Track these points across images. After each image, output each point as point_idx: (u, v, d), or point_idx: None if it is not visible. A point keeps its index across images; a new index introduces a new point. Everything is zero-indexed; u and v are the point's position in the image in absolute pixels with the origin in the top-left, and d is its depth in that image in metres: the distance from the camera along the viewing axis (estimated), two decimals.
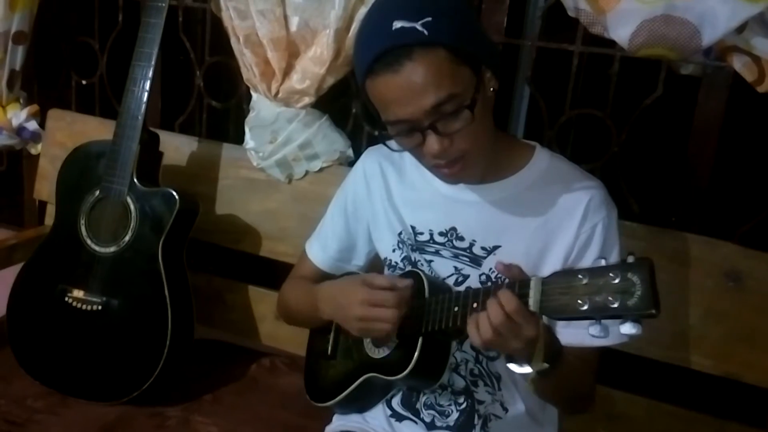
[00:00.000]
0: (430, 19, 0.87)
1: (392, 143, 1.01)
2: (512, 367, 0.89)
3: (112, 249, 1.38)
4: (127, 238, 1.37)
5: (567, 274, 0.79)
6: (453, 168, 0.95)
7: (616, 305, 0.74)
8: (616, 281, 0.74)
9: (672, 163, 1.41)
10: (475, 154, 0.94)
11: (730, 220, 1.26)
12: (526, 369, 0.88)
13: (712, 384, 1.27)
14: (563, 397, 1.02)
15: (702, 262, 1.22)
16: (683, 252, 1.22)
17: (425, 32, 0.86)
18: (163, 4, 1.39)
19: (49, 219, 1.75)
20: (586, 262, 1.00)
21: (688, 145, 1.32)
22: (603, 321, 0.76)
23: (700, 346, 1.23)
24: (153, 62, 1.39)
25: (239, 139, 1.57)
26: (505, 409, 1.07)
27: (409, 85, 0.87)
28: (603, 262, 0.78)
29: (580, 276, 0.77)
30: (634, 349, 1.23)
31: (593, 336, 0.76)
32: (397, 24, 0.87)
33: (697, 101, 1.29)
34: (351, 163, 1.48)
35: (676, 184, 1.36)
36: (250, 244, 1.56)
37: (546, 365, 0.86)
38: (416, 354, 0.97)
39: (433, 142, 0.90)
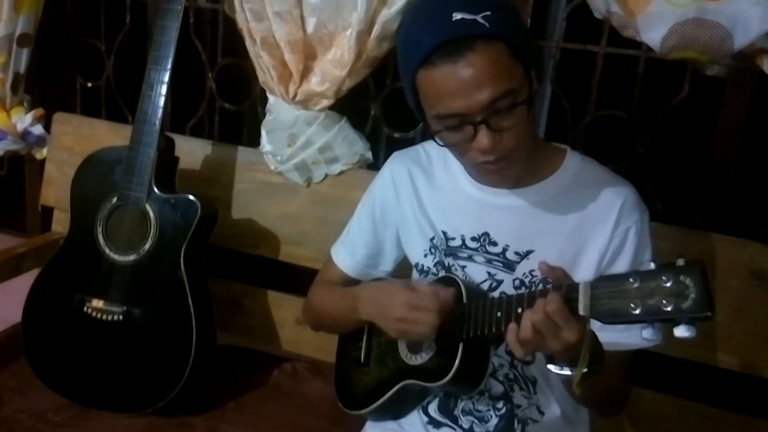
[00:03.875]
0: (489, 12, 0.87)
1: (420, 145, 1.00)
2: (552, 368, 0.88)
3: (131, 257, 1.35)
4: (147, 246, 1.34)
5: (616, 277, 0.79)
6: (498, 165, 0.94)
7: (669, 308, 0.74)
8: (669, 284, 0.74)
9: (696, 163, 1.42)
10: (521, 152, 0.94)
11: (754, 220, 1.27)
12: (567, 372, 0.87)
13: (739, 382, 1.28)
14: (602, 399, 1.02)
15: (728, 262, 1.22)
16: (709, 252, 1.22)
17: (486, 25, 0.86)
18: (179, 7, 1.36)
19: (56, 225, 1.72)
20: (620, 265, 1.00)
21: (713, 146, 1.32)
22: (656, 324, 0.76)
23: (726, 345, 1.24)
24: (169, 66, 1.37)
25: (252, 142, 1.55)
26: (542, 413, 1.07)
27: (469, 77, 0.87)
28: (652, 265, 0.77)
29: (630, 279, 0.77)
30: (662, 349, 1.23)
31: (645, 339, 0.77)
32: (457, 15, 0.87)
33: (722, 102, 1.30)
34: (371, 166, 1.48)
35: (700, 184, 1.37)
36: (268, 248, 1.54)
37: (585, 369, 0.86)
38: (458, 359, 0.97)
39: (484, 138, 0.89)
